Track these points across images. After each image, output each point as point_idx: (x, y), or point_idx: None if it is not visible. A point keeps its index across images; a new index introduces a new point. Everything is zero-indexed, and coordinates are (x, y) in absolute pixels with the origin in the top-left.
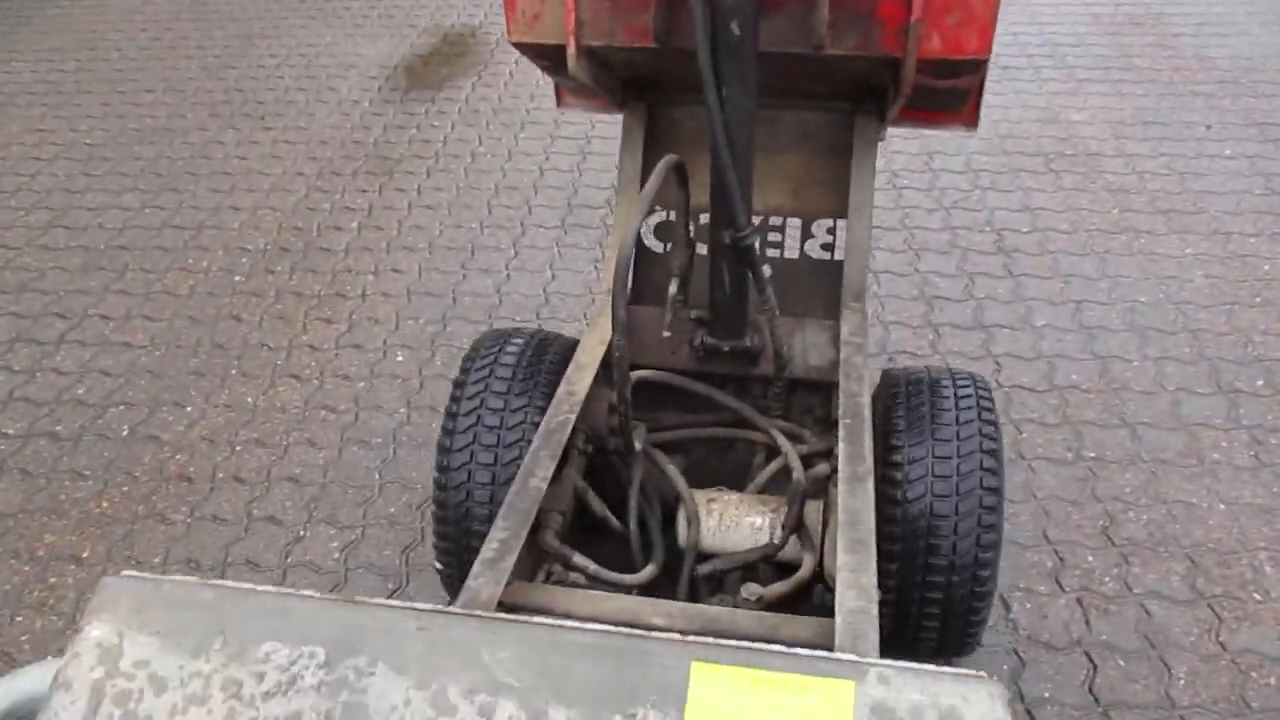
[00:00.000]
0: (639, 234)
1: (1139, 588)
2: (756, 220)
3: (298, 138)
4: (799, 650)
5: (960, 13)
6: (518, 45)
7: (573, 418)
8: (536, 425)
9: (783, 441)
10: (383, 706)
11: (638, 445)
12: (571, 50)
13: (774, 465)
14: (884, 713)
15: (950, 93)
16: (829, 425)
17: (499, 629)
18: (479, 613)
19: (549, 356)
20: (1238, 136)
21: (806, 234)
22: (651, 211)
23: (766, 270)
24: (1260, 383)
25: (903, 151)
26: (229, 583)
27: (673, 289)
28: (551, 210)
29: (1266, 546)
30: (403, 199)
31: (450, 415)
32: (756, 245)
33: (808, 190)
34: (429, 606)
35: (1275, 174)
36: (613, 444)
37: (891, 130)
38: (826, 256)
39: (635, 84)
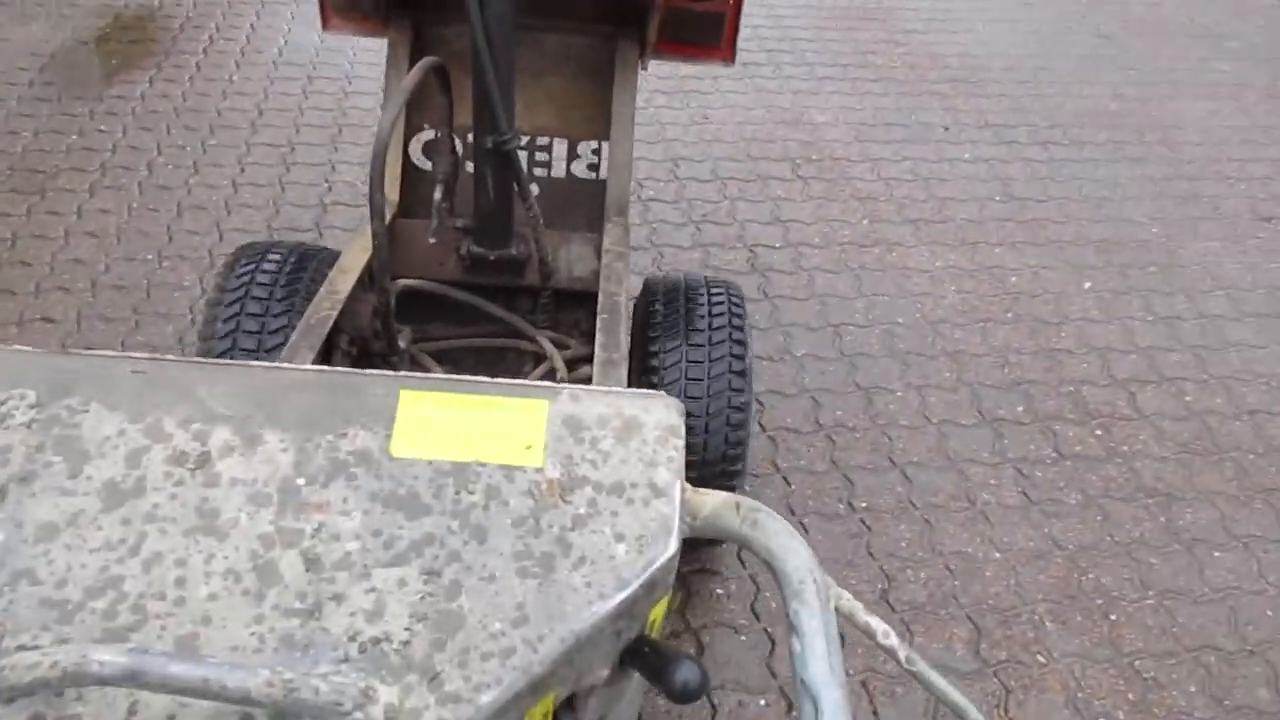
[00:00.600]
0: (406, 150)
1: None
2: (524, 140)
3: None
4: (500, 380)
5: None
6: None
7: (334, 314)
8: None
9: (548, 346)
10: (95, 438)
11: (402, 344)
12: None
13: (540, 369)
14: (574, 423)
15: (706, 20)
16: (594, 336)
17: (215, 370)
18: (195, 360)
19: (310, 268)
20: (974, 139)
21: (573, 154)
22: (421, 131)
23: (532, 185)
24: (1020, 409)
25: (645, 158)
26: None
27: (437, 195)
28: (247, 235)
29: (1044, 598)
30: (58, 224)
31: (208, 323)
32: (518, 153)
33: (572, 112)
34: (143, 355)
35: (1012, 178)
36: (377, 346)
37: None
38: (591, 176)
39: (400, 1)
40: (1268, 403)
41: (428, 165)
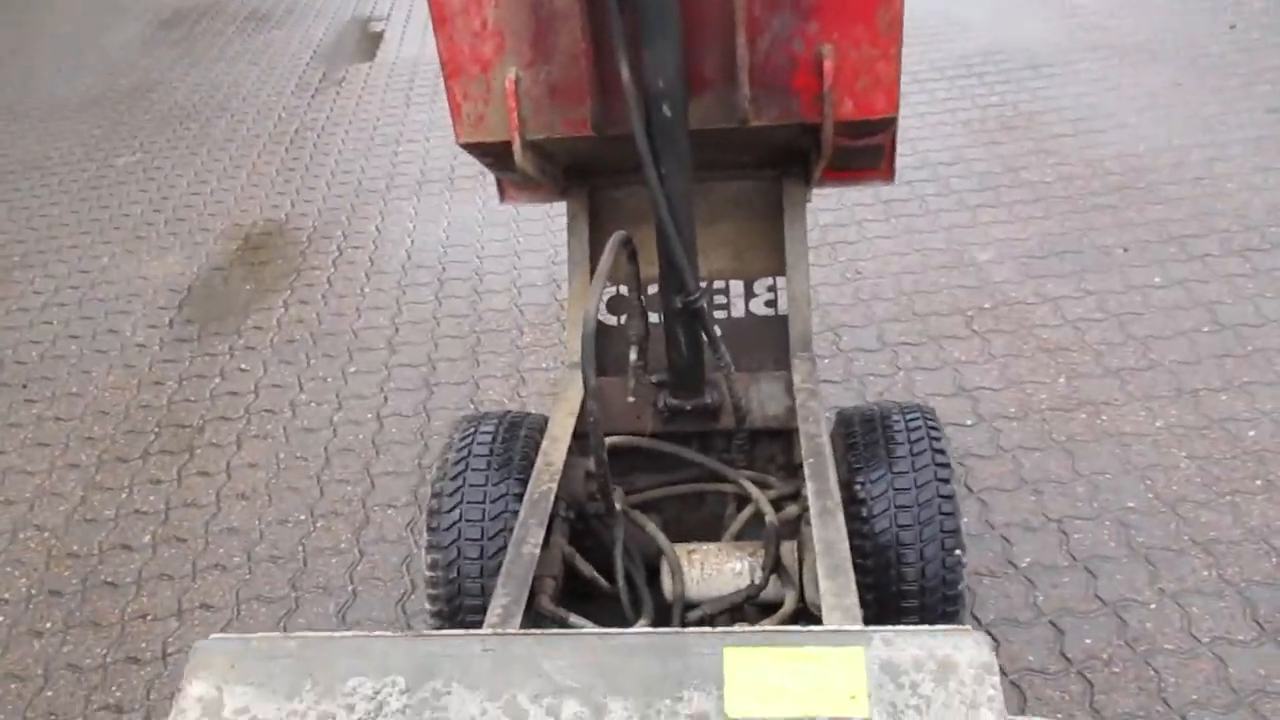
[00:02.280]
0: None
1: None
2: (703, 285)
3: (70, 410)
4: (813, 628)
5: (867, 78)
6: (465, 146)
7: (554, 486)
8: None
9: (751, 489)
10: (462, 718)
11: (618, 507)
12: (517, 145)
13: (746, 512)
14: (891, 669)
15: (866, 150)
16: (792, 469)
17: (555, 641)
18: (535, 631)
19: (522, 433)
20: (1159, 257)
21: (750, 294)
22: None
23: (717, 330)
24: None
25: None
26: (309, 633)
27: (633, 356)
28: (400, 479)
29: None
30: (209, 488)
31: (435, 495)
32: (706, 307)
33: (746, 253)
34: (490, 631)
35: (1217, 302)
36: (592, 508)
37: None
38: (770, 313)
39: (576, 171)
40: None
41: (613, 320)
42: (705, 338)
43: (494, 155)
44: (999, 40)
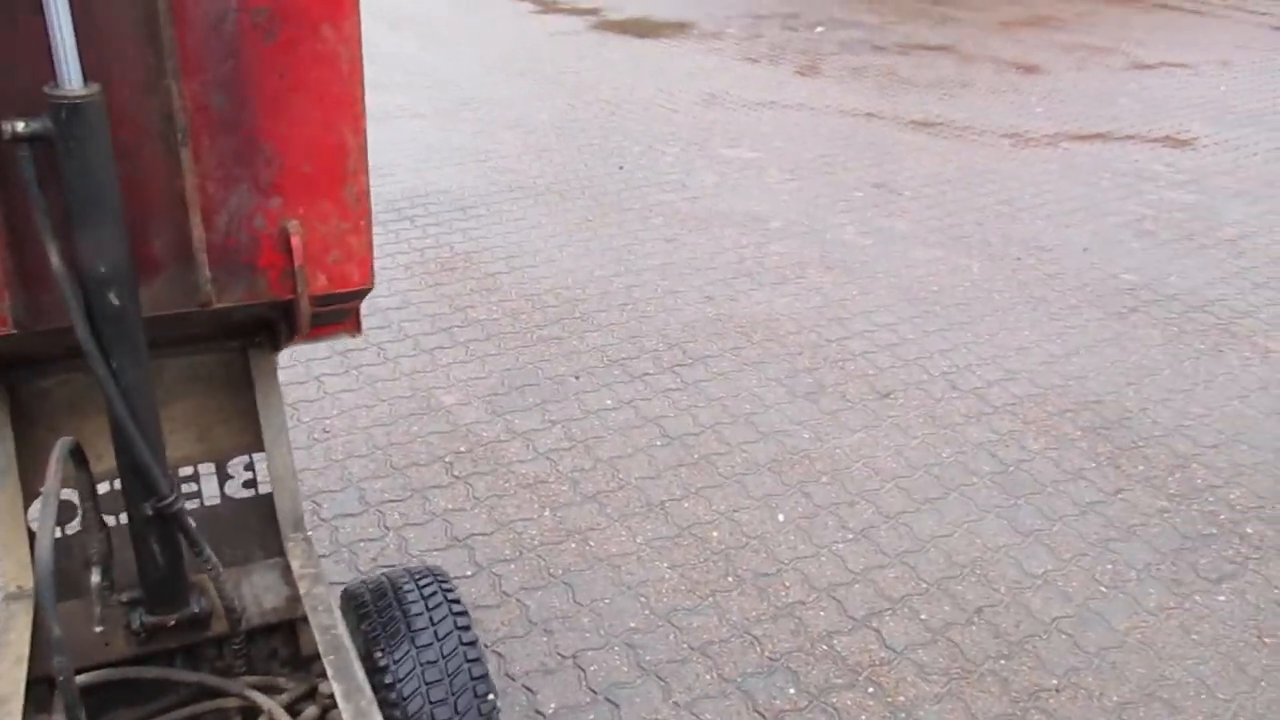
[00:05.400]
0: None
1: None
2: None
3: None
4: None
5: (339, 251)
6: None
7: None
8: None
9: (262, 700)
10: None
11: None
12: None
13: None
14: None
15: (337, 313)
16: (299, 662)
17: None
18: None
19: None
20: (606, 380)
21: (224, 476)
22: (36, 495)
23: (196, 530)
24: (792, 691)
25: None
26: None
27: (95, 578)
28: None
29: None
30: None
31: None
32: (183, 508)
33: (213, 431)
34: None
35: (662, 416)
36: None
37: None
38: (250, 493)
39: None
40: (987, 596)
41: (55, 531)
42: (186, 541)
43: None
44: (423, 184)
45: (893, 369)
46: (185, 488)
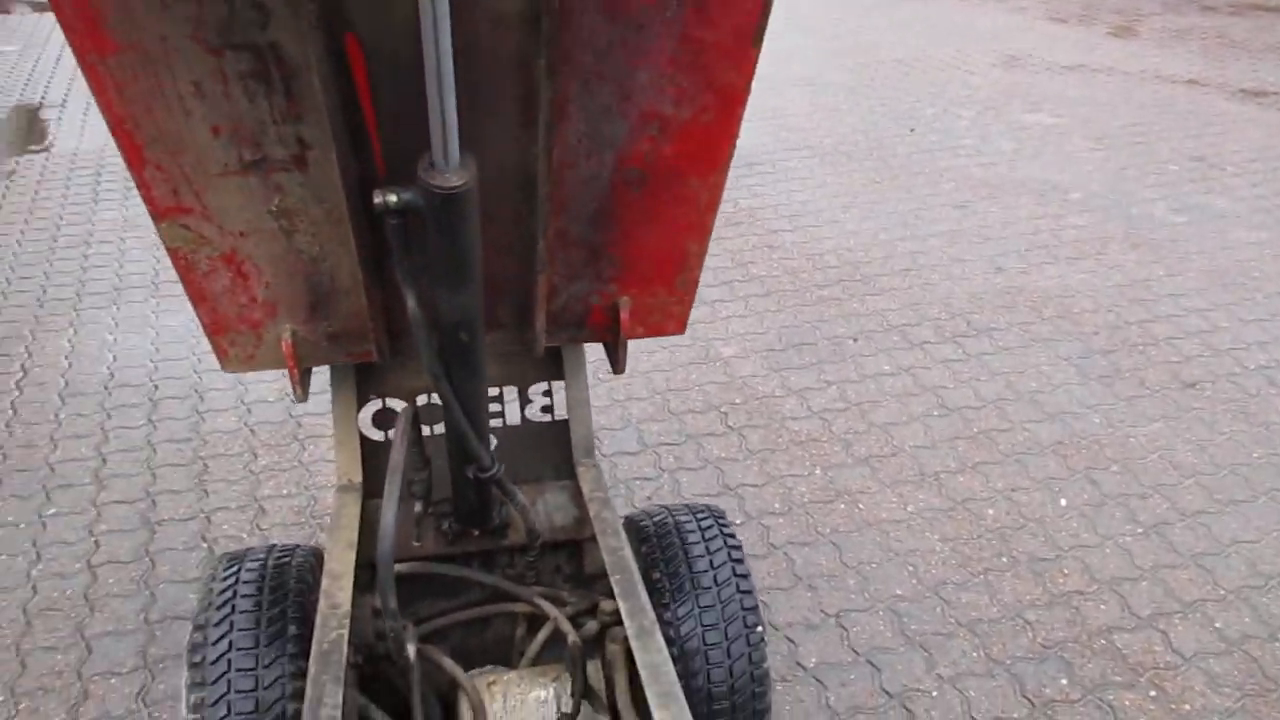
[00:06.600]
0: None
1: None
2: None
3: None
4: None
5: (660, 315)
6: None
7: (344, 633)
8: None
9: (550, 609)
10: None
11: (411, 651)
12: (295, 380)
13: (543, 634)
14: None
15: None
16: (582, 580)
17: None
18: None
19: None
20: (885, 346)
21: (525, 400)
22: (367, 400)
23: (518, 492)
24: (1064, 682)
25: None
26: None
27: (417, 508)
28: (123, 639)
29: None
30: None
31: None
32: (504, 477)
33: (518, 359)
34: None
35: (941, 386)
36: (381, 649)
37: None
38: (548, 418)
39: None
40: None
41: (379, 435)
42: (502, 493)
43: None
44: None
45: (1201, 358)
46: (491, 407)
